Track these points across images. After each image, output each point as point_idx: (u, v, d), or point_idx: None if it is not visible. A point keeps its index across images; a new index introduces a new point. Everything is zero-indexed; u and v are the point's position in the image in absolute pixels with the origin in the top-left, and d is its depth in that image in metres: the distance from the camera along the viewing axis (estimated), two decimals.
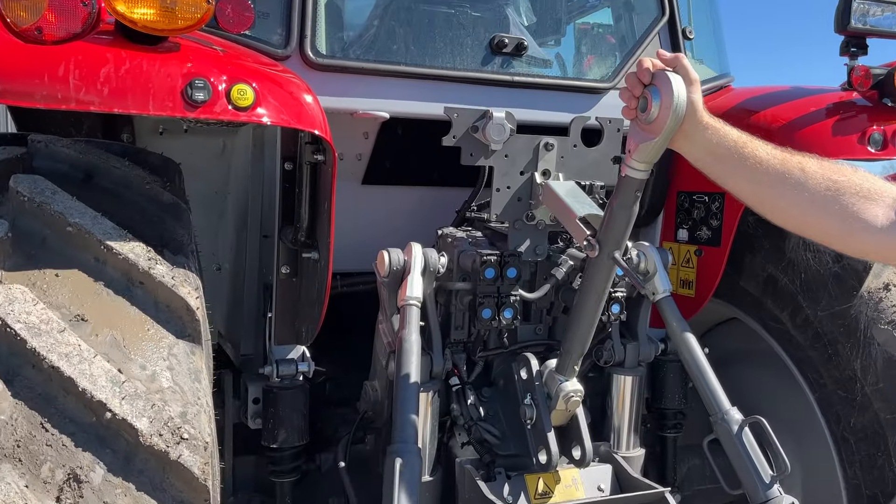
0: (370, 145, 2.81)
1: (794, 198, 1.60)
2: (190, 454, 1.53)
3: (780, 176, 1.61)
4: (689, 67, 1.77)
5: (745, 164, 1.65)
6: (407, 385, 2.14)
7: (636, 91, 1.81)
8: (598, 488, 2.42)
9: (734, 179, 1.71)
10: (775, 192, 1.63)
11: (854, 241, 1.60)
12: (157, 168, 2.19)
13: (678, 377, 2.89)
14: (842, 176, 1.58)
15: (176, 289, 1.73)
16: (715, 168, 1.73)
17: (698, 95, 1.75)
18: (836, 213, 1.56)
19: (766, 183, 1.64)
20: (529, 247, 2.51)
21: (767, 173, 1.62)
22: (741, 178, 1.68)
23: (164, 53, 1.79)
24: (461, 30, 2.72)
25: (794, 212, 1.64)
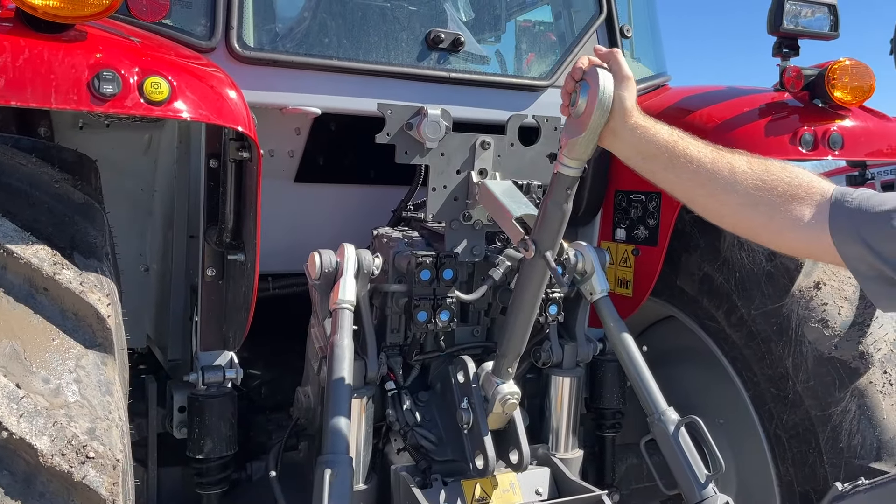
0: (302, 142, 2.71)
1: (725, 197, 1.59)
2: (96, 474, 1.43)
3: (710, 175, 1.60)
4: (622, 63, 1.73)
5: (676, 164, 1.63)
6: (338, 391, 2.06)
7: (569, 88, 1.78)
8: (535, 492, 2.39)
9: (665, 178, 1.68)
10: (705, 191, 1.62)
11: (783, 240, 1.59)
12: (70, 165, 2.05)
13: (616, 377, 2.89)
14: (770, 175, 1.56)
15: (84, 295, 1.62)
16: (645, 166, 1.71)
17: (630, 93, 1.71)
18: (764, 213, 1.55)
19: (696, 182, 1.62)
20: (466, 247, 2.46)
21: (697, 173, 1.61)
22: (672, 177, 1.66)
23: (69, 43, 1.67)
24: (396, 24, 2.65)
25: (724, 211, 1.63)
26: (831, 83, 2.60)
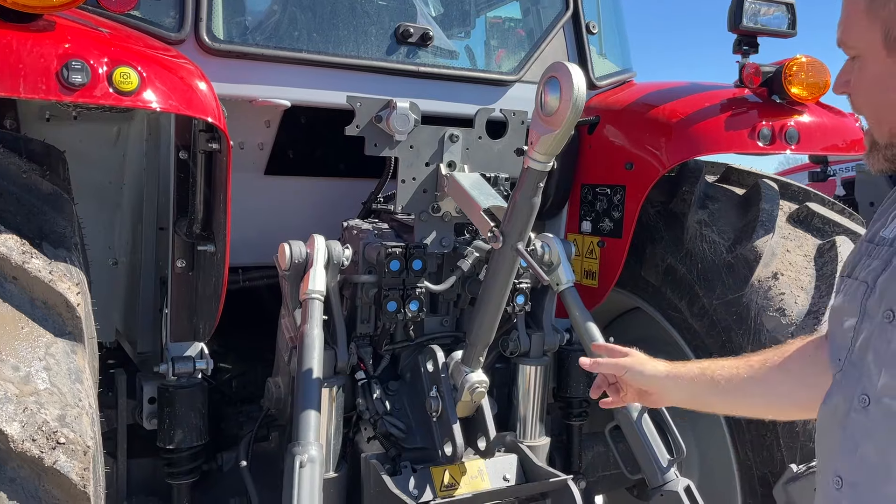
0: (272, 134, 2.73)
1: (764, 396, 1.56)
2: (67, 460, 1.44)
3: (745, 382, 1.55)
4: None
5: (716, 388, 1.58)
6: (308, 381, 2.09)
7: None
8: (503, 478, 2.43)
9: (715, 404, 1.69)
10: (748, 399, 1.59)
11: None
12: (38, 156, 2.05)
13: None
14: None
15: (53, 284, 1.63)
16: (698, 403, 1.68)
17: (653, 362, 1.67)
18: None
19: (733, 394, 1.58)
20: (435, 239, 2.49)
21: (731, 385, 1.56)
22: (718, 400, 1.64)
23: (38, 33, 1.67)
24: (366, 18, 2.68)
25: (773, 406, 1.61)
26: (788, 80, 2.68)
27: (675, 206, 2.92)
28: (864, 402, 1.18)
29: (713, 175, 3.15)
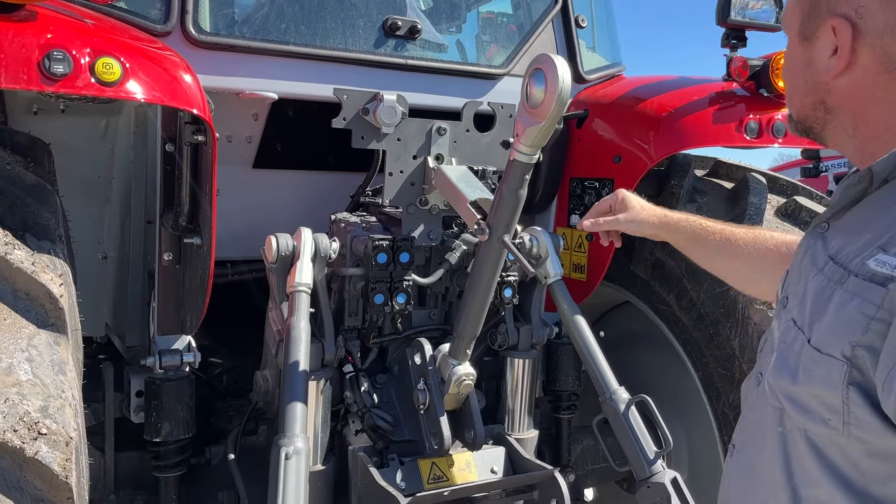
0: (260, 127, 2.72)
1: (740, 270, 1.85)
2: (49, 450, 1.44)
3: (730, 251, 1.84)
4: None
5: (704, 245, 1.90)
6: (295, 374, 2.08)
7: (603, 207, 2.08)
8: (490, 470, 2.44)
9: (697, 257, 1.96)
10: (726, 263, 1.89)
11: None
12: (22, 148, 2.04)
13: (572, 360, 2.95)
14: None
15: (36, 275, 1.62)
16: (682, 250, 1.98)
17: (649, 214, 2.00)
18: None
19: (716, 257, 1.89)
20: (423, 232, 2.50)
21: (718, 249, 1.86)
22: (700, 255, 1.94)
23: (20, 23, 1.66)
24: (354, 10, 2.67)
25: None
26: (775, 73, 2.69)
27: (664, 200, 2.92)
28: (758, 380, 1.30)
29: (702, 169, 3.15)
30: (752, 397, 1.33)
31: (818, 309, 1.12)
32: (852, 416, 1.04)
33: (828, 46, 1.18)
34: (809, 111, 1.26)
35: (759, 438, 1.25)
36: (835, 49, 1.17)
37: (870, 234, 1.11)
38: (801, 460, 1.15)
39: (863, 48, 1.14)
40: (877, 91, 1.16)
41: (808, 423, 1.12)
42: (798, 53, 1.25)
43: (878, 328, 1.01)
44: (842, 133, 1.24)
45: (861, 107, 1.19)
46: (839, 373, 1.05)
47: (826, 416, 1.08)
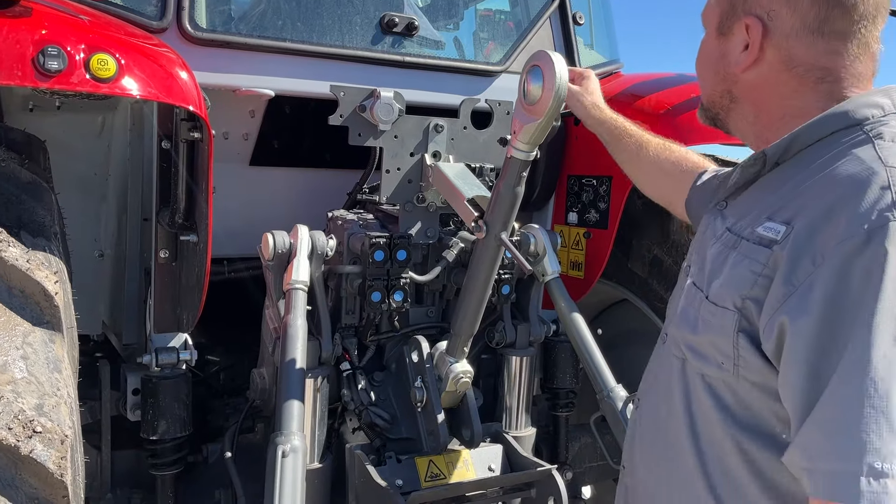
0: (257, 125, 2.72)
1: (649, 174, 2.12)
2: (44, 448, 1.43)
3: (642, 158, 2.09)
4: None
5: (621, 147, 2.14)
6: (291, 372, 2.08)
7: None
8: (488, 468, 2.43)
9: (614, 153, 2.18)
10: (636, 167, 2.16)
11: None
12: (17, 145, 2.03)
13: (569, 358, 2.95)
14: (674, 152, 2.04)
15: (31, 273, 1.61)
16: (603, 142, 2.20)
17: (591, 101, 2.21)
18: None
19: (629, 161, 2.16)
20: (420, 229, 2.49)
21: (631, 152, 2.12)
22: (617, 155, 2.18)
23: (14, 19, 1.65)
24: (351, 7, 2.66)
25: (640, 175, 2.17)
26: None
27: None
28: (664, 339, 1.48)
29: None
30: (656, 355, 1.52)
31: (715, 270, 1.31)
32: (741, 359, 1.22)
33: (740, 42, 1.34)
34: (717, 98, 1.43)
35: (663, 388, 1.43)
36: (746, 45, 1.33)
37: (760, 208, 1.28)
38: (699, 402, 1.32)
39: (770, 47, 1.30)
40: (777, 86, 1.32)
41: (705, 367, 1.30)
42: (713, 46, 1.42)
43: (763, 283, 1.18)
44: (742, 121, 1.42)
45: (762, 98, 1.35)
46: (731, 321, 1.23)
47: (720, 360, 1.26)
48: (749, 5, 1.32)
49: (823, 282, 1.09)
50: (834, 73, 1.28)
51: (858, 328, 1.05)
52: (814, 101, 1.29)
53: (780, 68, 1.30)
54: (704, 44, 1.45)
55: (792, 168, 1.29)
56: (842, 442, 1.04)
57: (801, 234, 1.14)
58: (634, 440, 1.55)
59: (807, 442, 1.10)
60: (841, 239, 1.09)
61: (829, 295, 1.08)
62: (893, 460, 1.01)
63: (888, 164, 1.14)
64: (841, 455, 1.04)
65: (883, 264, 1.05)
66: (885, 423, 1.02)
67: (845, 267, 1.08)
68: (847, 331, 1.06)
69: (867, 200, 1.10)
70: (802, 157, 1.27)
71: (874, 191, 1.10)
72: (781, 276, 1.14)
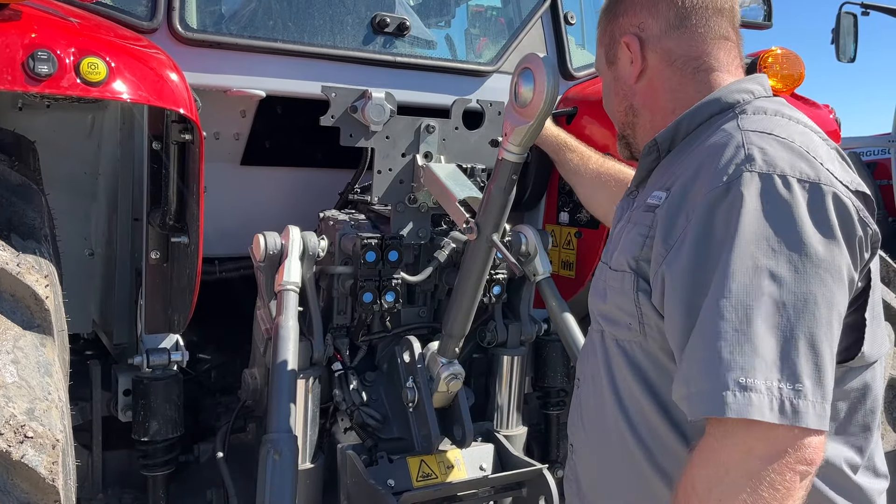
0: (248, 124, 2.71)
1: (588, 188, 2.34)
2: (35, 453, 1.43)
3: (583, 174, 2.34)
4: None
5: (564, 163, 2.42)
6: (283, 372, 2.08)
7: None
8: (479, 467, 2.45)
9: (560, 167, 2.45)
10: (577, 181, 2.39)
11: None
12: (7, 146, 2.03)
13: (561, 356, 2.97)
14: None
15: (21, 276, 1.61)
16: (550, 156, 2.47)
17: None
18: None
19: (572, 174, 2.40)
20: (412, 230, 2.49)
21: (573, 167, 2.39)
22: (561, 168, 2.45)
23: (4, 22, 1.64)
24: (342, 7, 2.66)
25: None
26: (763, 71, 2.69)
27: None
28: (594, 325, 1.57)
29: None
30: (588, 337, 1.61)
31: (615, 242, 1.49)
32: (645, 317, 1.35)
33: (626, 61, 1.55)
34: (623, 118, 1.62)
35: (591, 363, 1.54)
36: (631, 60, 1.54)
37: (655, 187, 1.45)
38: (619, 367, 1.43)
39: (649, 53, 1.52)
40: (664, 82, 1.52)
41: (617, 331, 1.43)
42: (609, 78, 1.63)
43: (650, 244, 1.34)
44: (644, 129, 1.58)
45: (655, 100, 1.54)
46: (630, 282, 1.37)
47: (628, 321, 1.38)
48: (622, 28, 1.55)
49: (693, 230, 1.24)
50: (703, 61, 1.48)
51: (722, 263, 1.19)
52: (695, 92, 1.48)
53: (663, 66, 1.51)
54: (604, 84, 1.67)
55: (680, 152, 1.45)
56: (709, 364, 1.15)
57: (675, 195, 1.31)
58: (575, 420, 1.62)
59: (684, 372, 1.21)
60: (706, 192, 1.25)
61: (697, 239, 1.23)
62: (755, 374, 1.12)
63: (744, 129, 1.31)
64: (709, 376, 1.15)
65: (740, 206, 1.20)
66: (747, 342, 1.13)
67: (709, 213, 1.23)
68: (713, 266, 1.20)
69: (725, 157, 1.27)
70: (688, 141, 1.45)
71: (731, 149, 1.28)
72: (661, 233, 1.30)
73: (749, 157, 1.25)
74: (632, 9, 1.55)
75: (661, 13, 1.50)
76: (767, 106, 1.41)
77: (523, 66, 1.84)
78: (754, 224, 1.19)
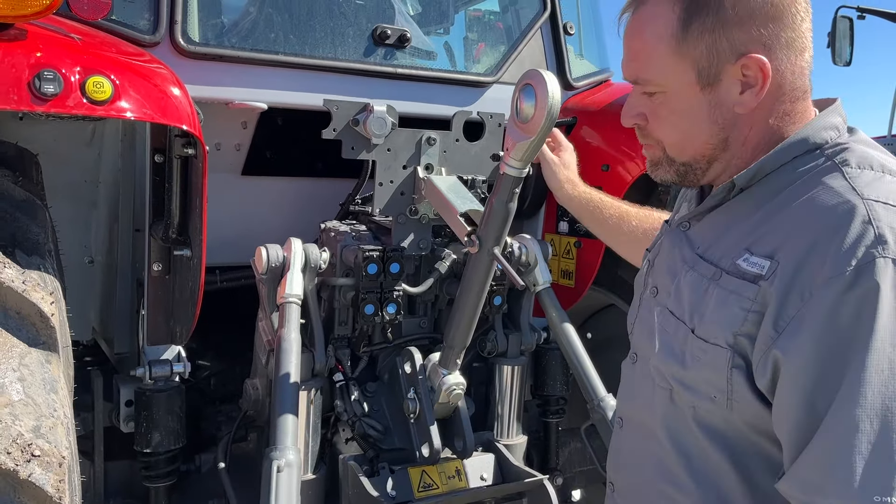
0: (249, 135, 2.72)
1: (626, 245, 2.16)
2: (42, 472, 1.44)
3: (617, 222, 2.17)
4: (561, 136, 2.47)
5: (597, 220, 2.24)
6: (286, 386, 2.10)
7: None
8: (480, 478, 2.46)
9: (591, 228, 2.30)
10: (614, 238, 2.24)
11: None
12: (10, 160, 2.03)
13: (560, 365, 2.98)
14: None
15: (27, 294, 1.62)
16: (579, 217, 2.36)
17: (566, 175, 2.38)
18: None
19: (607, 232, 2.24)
20: (413, 241, 2.51)
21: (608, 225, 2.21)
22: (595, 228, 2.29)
23: (10, 42, 1.65)
24: (343, 19, 2.67)
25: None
26: None
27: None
28: (633, 359, 1.49)
29: None
30: (630, 375, 1.51)
31: (697, 302, 1.29)
32: (735, 393, 1.22)
33: (734, 85, 1.26)
34: (708, 151, 1.33)
35: (646, 413, 1.42)
36: (743, 86, 1.25)
37: (733, 236, 1.28)
38: (690, 430, 1.32)
39: (773, 77, 1.24)
40: (765, 113, 1.28)
41: (697, 400, 1.29)
42: (697, 101, 1.29)
43: (753, 318, 1.18)
44: (722, 164, 1.34)
45: (752, 133, 1.29)
46: (724, 358, 1.22)
47: (713, 394, 1.25)
48: (741, 42, 1.23)
49: (815, 318, 1.10)
50: (804, 89, 1.28)
51: (854, 364, 1.06)
52: (790, 123, 1.29)
53: (776, 95, 1.27)
54: (675, 103, 1.31)
55: (758, 193, 1.28)
56: (840, 477, 1.05)
57: (787, 270, 1.15)
58: (620, 462, 1.55)
59: (804, 475, 1.11)
60: (829, 276, 1.09)
61: (821, 331, 1.09)
62: (892, 494, 1.02)
63: (865, 197, 1.15)
64: (840, 491, 1.05)
65: (874, 300, 1.06)
66: (884, 457, 1.03)
67: (836, 302, 1.08)
68: (842, 366, 1.07)
69: (851, 236, 1.10)
70: (767, 182, 1.28)
71: (857, 226, 1.11)
72: (772, 312, 1.15)
73: (880, 238, 1.09)
74: (751, 18, 1.22)
75: (787, 25, 1.23)
76: (870, 156, 1.23)
77: (525, 81, 1.85)
78: (892, 321, 1.06)
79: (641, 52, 1.32)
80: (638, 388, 1.46)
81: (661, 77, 1.30)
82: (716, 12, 1.23)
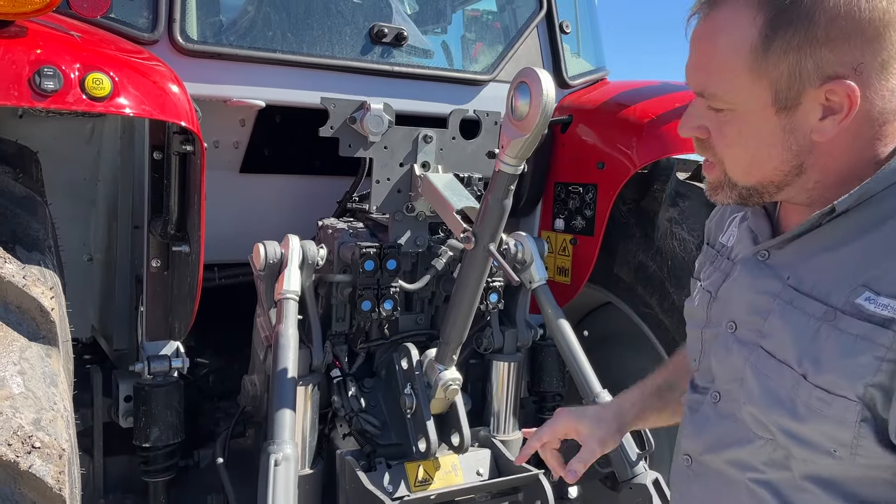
0: (247, 133, 2.74)
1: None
2: (43, 463, 1.46)
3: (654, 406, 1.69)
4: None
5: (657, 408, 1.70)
6: (283, 381, 2.11)
7: None
8: (476, 473, 2.48)
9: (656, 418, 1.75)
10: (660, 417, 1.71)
11: None
12: (10, 157, 2.05)
13: (556, 361, 3.00)
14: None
15: (27, 289, 1.63)
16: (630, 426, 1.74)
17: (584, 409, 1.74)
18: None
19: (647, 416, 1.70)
20: (410, 238, 2.53)
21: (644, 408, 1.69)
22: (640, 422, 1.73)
23: (10, 39, 1.67)
24: (340, 18, 2.69)
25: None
26: None
27: (647, 204, 2.97)
28: (715, 398, 1.32)
29: (685, 172, 3.19)
30: (707, 413, 1.33)
31: (806, 345, 1.13)
32: (860, 448, 1.09)
33: (814, 110, 1.11)
34: (780, 177, 1.19)
35: (733, 460, 1.27)
36: (825, 111, 1.11)
37: (838, 268, 1.13)
38: (796, 485, 1.18)
39: (861, 104, 1.09)
40: (857, 140, 1.13)
41: (812, 455, 1.15)
42: (769, 124, 1.14)
43: (888, 368, 1.04)
44: (798, 189, 1.20)
45: (832, 159, 1.15)
46: (853, 412, 1.08)
47: (833, 448, 1.12)
48: (828, 66, 1.08)
49: None
50: (894, 111, 1.13)
51: None
52: (882, 146, 1.14)
53: (863, 121, 1.11)
54: (745, 123, 1.16)
55: (859, 218, 1.13)
56: None
57: None
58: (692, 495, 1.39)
59: None
60: None
61: None
62: None
63: None
64: None
65: None
66: None
67: None
68: None
69: None
70: (870, 206, 1.13)
71: None
72: None
73: None
74: (845, 39, 1.06)
75: (884, 47, 1.08)
76: None
77: (520, 79, 1.87)
78: None
79: (712, 63, 1.15)
80: (718, 429, 1.31)
81: (732, 95, 1.14)
82: (805, 29, 1.06)
